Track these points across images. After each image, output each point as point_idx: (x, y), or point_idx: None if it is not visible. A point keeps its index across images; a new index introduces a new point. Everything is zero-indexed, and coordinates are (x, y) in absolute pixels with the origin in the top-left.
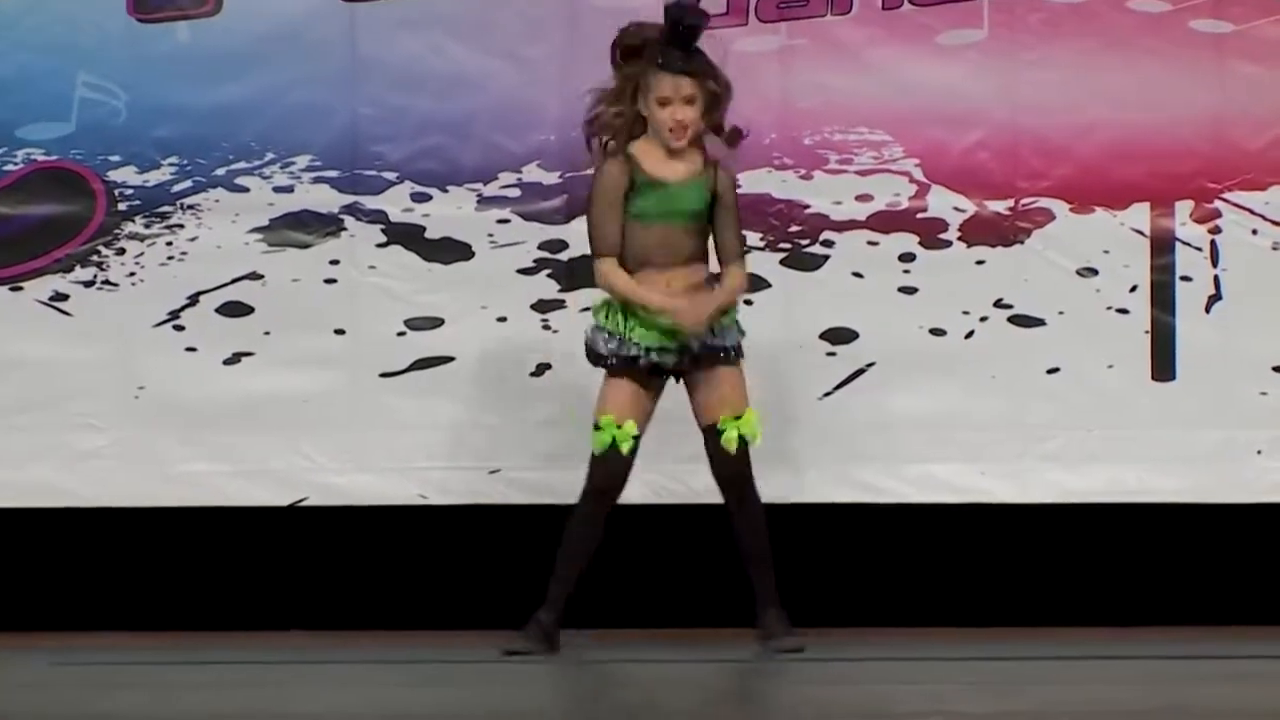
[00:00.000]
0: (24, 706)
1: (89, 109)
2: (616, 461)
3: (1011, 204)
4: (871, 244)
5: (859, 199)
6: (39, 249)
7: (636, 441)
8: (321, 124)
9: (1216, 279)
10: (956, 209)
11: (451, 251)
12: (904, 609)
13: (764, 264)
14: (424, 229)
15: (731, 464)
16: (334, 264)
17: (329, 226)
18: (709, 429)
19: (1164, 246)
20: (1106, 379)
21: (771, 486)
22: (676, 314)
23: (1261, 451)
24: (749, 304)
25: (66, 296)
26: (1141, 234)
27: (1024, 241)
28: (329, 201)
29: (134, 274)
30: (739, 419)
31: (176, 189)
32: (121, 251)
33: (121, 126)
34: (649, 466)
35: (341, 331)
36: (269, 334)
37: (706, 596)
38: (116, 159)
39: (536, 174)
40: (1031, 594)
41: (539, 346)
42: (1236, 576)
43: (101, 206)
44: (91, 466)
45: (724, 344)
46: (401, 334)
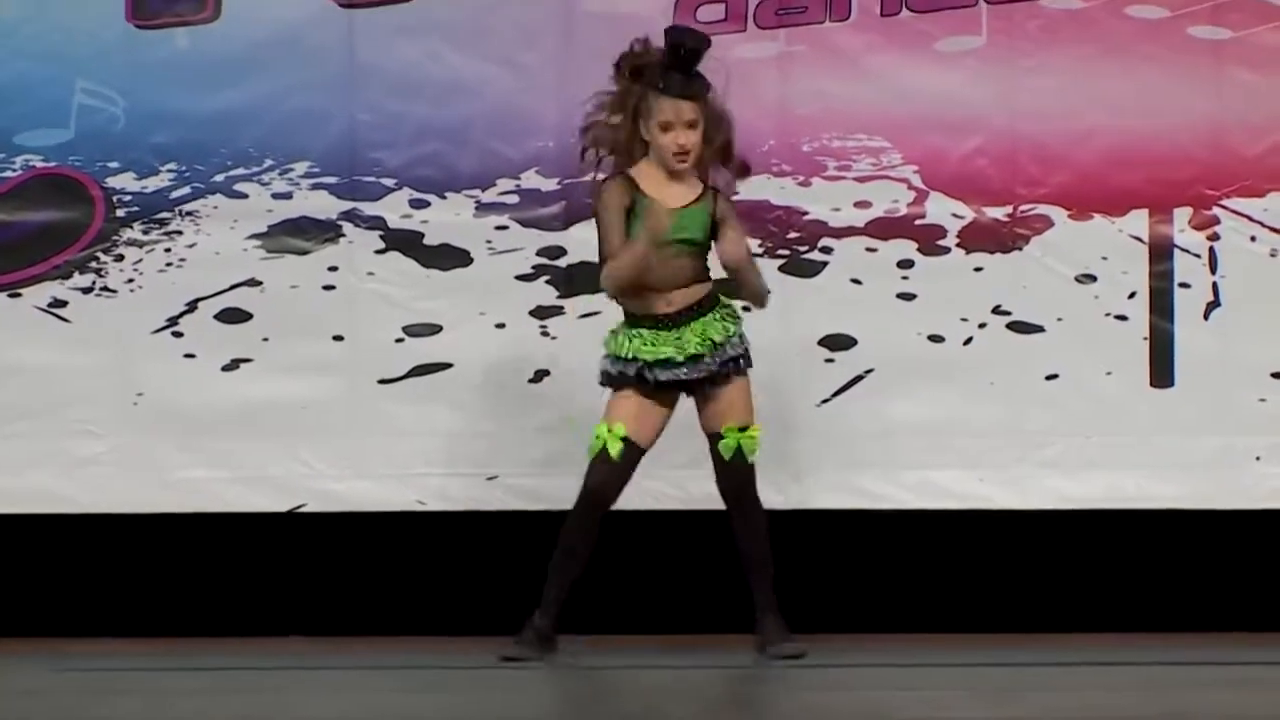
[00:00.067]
0: (24, 713)
1: (87, 115)
2: (605, 466)
3: (1010, 210)
4: (870, 250)
5: (857, 205)
6: (37, 255)
7: (628, 445)
8: (320, 130)
9: (1215, 285)
10: (955, 215)
11: (450, 258)
12: (902, 615)
13: (762, 270)
14: (422, 235)
15: (734, 474)
16: (332, 270)
17: (327, 233)
18: (713, 437)
19: (1162, 253)
20: (1105, 385)
21: (770, 493)
22: (721, 243)
23: (1260, 458)
24: (747, 310)
25: (65, 303)
26: (1140, 241)
27: (1022, 248)
28: (327, 208)
29: (132, 280)
30: (743, 430)
31: (175, 195)
32: (120, 258)
33: (120, 133)
34: (647, 473)
35: (340, 338)
36: (267, 340)
37: (704, 602)
38: (115, 165)
39: (535, 180)
40: (1030, 600)
41: (537, 353)
42: (1235, 583)
43: (100, 213)
44: (90, 473)
45: (734, 354)
46: (400, 340)
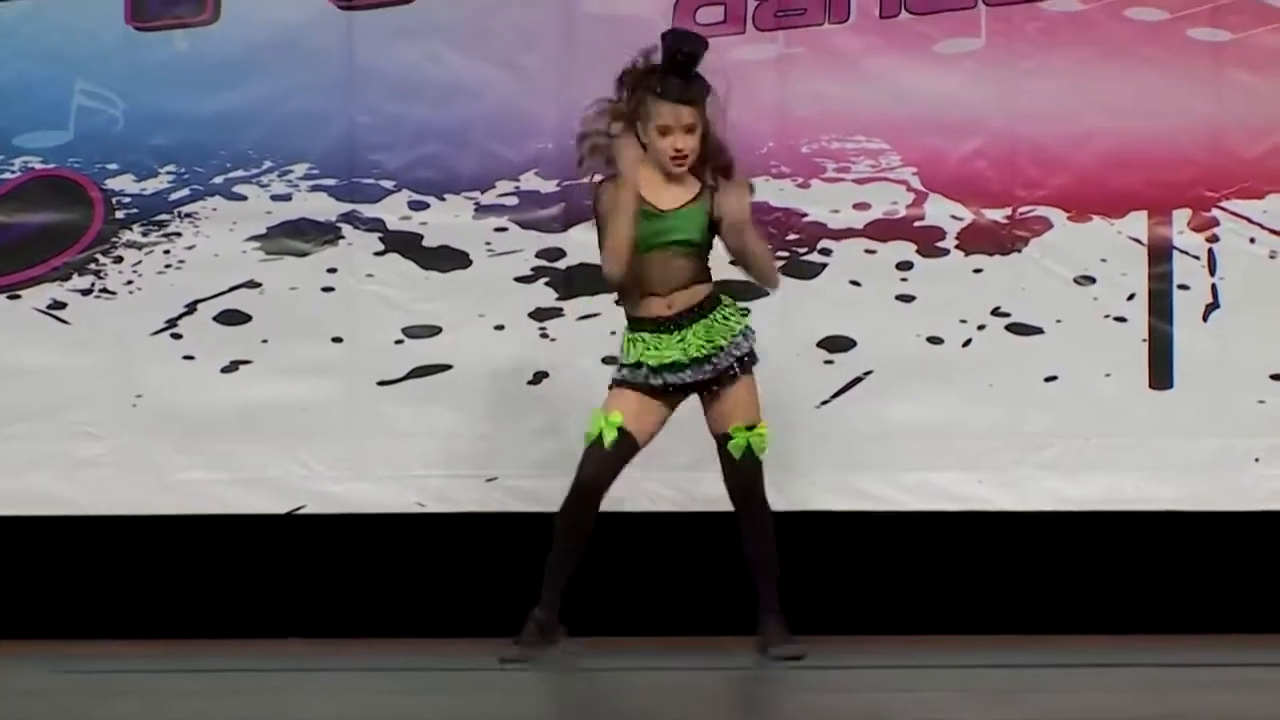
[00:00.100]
0: (24, 714)
1: (87, 117)
2: (600, 454)
3: (1009, 212)
4: (869, 252)
5: (856, 207)
6: (37, 257)
7: (623, 436)
8: (319, 132)
9: (1214, 287)
10: (954, 217)
11: (449, 260)
12: (901, 617)
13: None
14: (421, 237)
15: (743, 474)
16: (331, 272)
17: (326, 235)
18: (722, 438)
19: (1161, 255)
20: (1104, 387)
21: (769, 494)
22: (720, 200)
23: (1259, 459)
24: (746, 312)
25: (64, 305)
26: (1139, 242)
27: (1021, 250)
28: (326, 210)
29: (132, 282)
30: (751, 429)
31: (174, 197)
32: (119, 260)
33: (119, 135)
34: (647, 474)
35: (339, 340)
36: (267, 342)
37: (703, 604)
38: (114, 167)
39: (534, 182)
40: (1029, 602)
41: (537, 355)
42: (1234, 584)
43: (99, 215)
44: (89, 475)
45: (739, 354)
46: (399, 342)
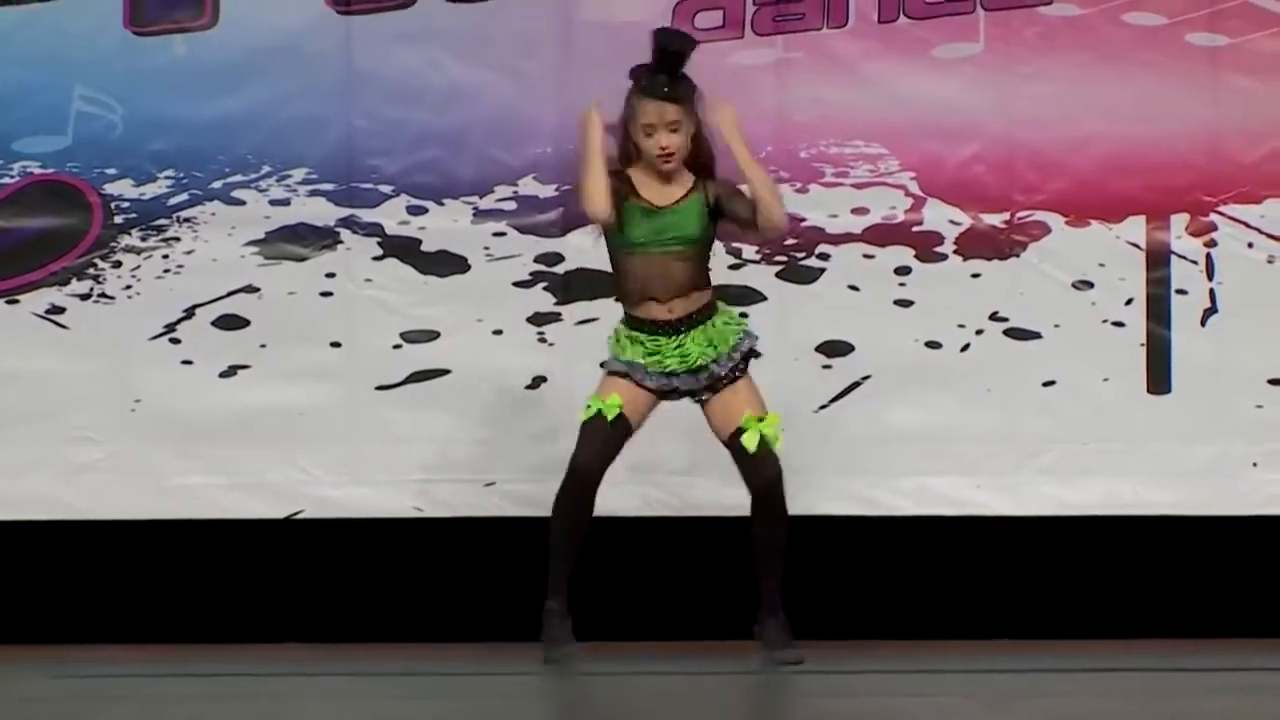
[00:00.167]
0: (22, 719)
1: (85, 122)
2: (600, 432)
3: (1007, 217)
4: (867, 257)
5: (855, 212)
6: (35, 262)
7: (620, 419)
8: (317, 137)
9: (1212, 292)
10: (952, 222)
11: (447, 264)
12: (900, 622)
13: (760, 277)
14: (420, 242)
15: (763, 471)
16: (330, 277)
17: (325, 239)
18: (734, 435)
19: (1159, 260)
20: (1102, 392)
21: None
22: (705, 113)
23: (1257, 464)
24: (745, 317)
25: (63, 309)
26: (1137, 247)
27: (1020, 255)
28: (325, 214)
29: (130, 287)
30: (761, 420)
31: (173, 202)
32: (118, 264)
33: (118, 139)
34: (644, 479)
35: (337, 344)
36: (265, 347)
37: (701, 609)
38: (113, 172)
39: (532, 187)
40: (1027, 607)
41: (535, 359)
42: (1233, 589)
43: (98, 219)
44: (88, 479)
45: (736, 360)
46: (397, 347)
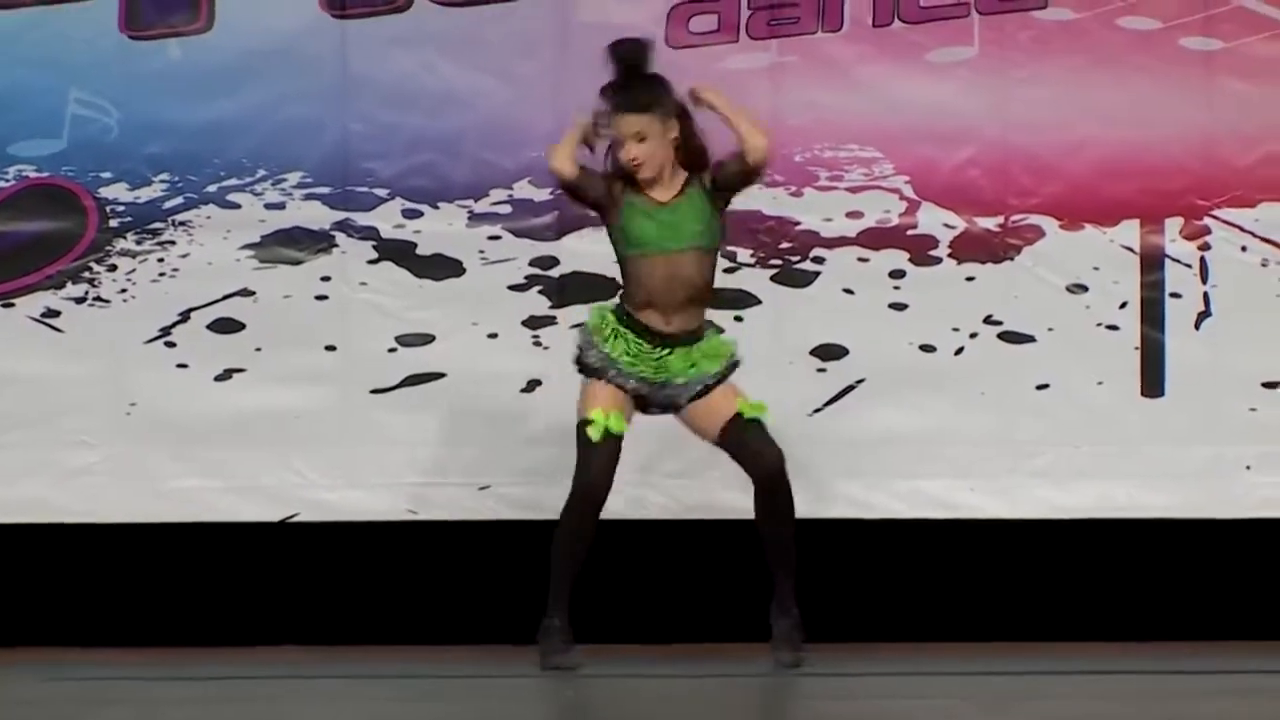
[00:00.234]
0: None
1: (81, 126)
2: (607, 449)
3: (1001, 221)
4: (862, 260)
5: (849, 216)
6: (30, 265)
7: (622, 435)
8: (313, 141)
9: (1206, 295)
10: (947, 226)
11: (442, 268)
12: (894, 625)
13: (755, 280)
14: (415, 245)
15: (767, 460)
16: (325, 280)
17: (320, 243)
18: (725, 430)
19: (1154, 263)
20: (1096, 395)
21: None
22: (697, 89)
23: (1250, 467)
24: (739, 320)
25: (58, 313)
26: (1131, 251)
27: (1014, 258)
28: (320, 218)
29: (125, 290)
30: (748, 404)
31: (168, 205)
32: (113, 268)
33: (113, 143)
34: (638, 481)
35: (332, 348)
36: (260, 350)
37: (698, 611)
38: (108, 175)
39: (527, 190)
40: (1021, 610)
41: (530, 363)
42: (1226, 592)
43: (93, 223)
44: (83, 483)
45: (703, 385)
46: (392, 350)
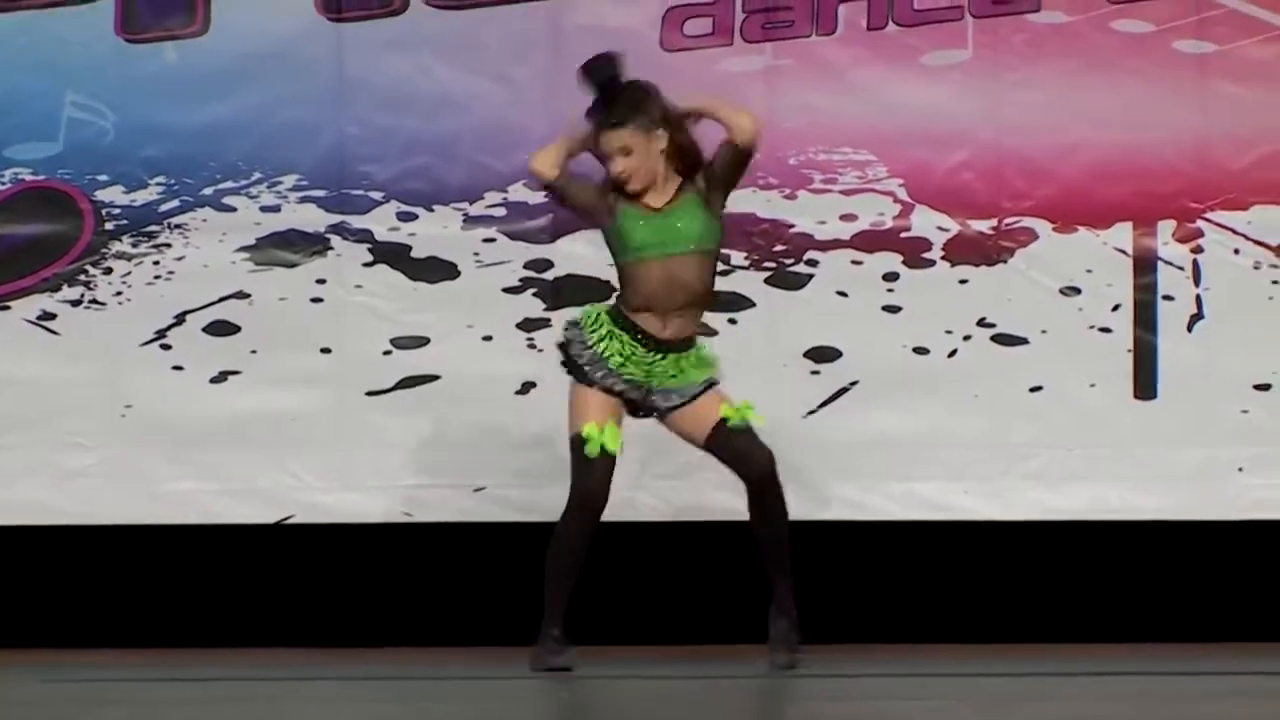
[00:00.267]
0: None
1: (77, 129)
2: (607, 466)
3: (995, 224)
4: (855, 263)
5: (843, 218)
6: (26, 268)
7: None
8: (308, 144)
9: (1199, 298)
10: (940, 228)
11: (437, 270)
12: (887, 626)
13: (748, 283)
14: (410, 248)
15: (757, 461)
16: (320, 283)
17: (315, 246)
18: (712, 435)
19: (1146, 266)
20: (1089, 398)
21: None
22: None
23: (1243, 469)
24: (733, 323)
25: (54, 315)
26: (1124, 253)
27: (1007, 261)
28: (315, 221)
29: (121, 293)
30: (735, 409)
31: (164, 208)
32: (109, 271)
33: (109, 146)
34: (631, 484)
35: (328, 350)
36: (256, 353)
37: (694, 613)
38: (104, 178)
39: (522, 193)
40: (1015, 611)
41: (524, 365)
42: (1219, 594)
43: (89, 226)
44: (79, 485)
45: (694, 390)
46: (387, 353)
